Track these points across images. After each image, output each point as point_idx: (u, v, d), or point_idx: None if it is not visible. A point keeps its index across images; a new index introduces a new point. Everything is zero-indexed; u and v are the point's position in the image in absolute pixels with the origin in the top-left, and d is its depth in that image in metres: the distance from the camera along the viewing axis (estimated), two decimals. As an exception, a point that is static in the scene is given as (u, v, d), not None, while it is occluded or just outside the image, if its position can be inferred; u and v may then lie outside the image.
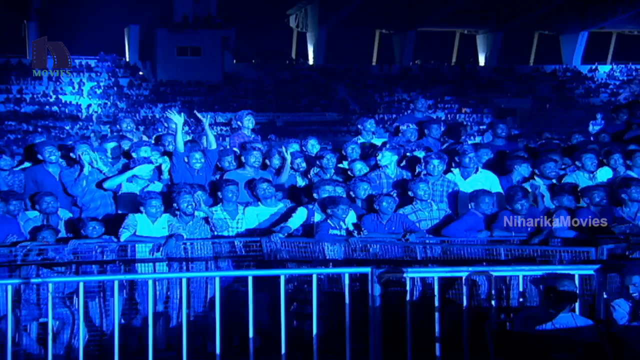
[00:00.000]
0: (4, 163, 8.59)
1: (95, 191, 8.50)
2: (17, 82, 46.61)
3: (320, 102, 47.54)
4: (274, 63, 50.67)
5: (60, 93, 46.41)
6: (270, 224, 8.50)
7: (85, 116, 45.15)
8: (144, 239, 7.85)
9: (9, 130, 42.97)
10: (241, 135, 10.53)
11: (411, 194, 8.34)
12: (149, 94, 47.40)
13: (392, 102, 47.89)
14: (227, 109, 45.72)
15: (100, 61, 48.86)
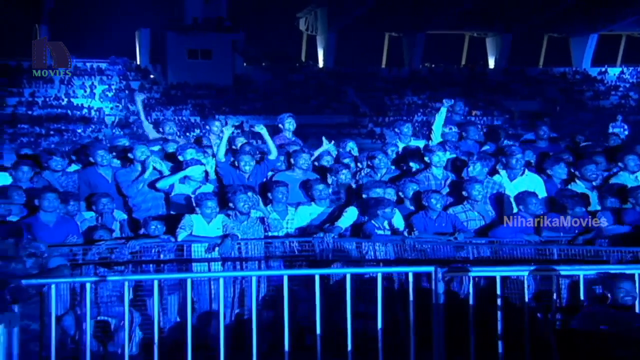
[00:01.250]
0: (55, 164, 8.77)
1: (147, 192, 8.67)
2: (29, 85, 46.79)
3: (329, 104, 47.70)
4: (283, 66, 50.85)
5: (72, 96, 46.61)
6: (320, 223, 8.66)
7: (96, 119, 45.35)
8: (200, 239, 8.01)
9: (21, 133, 43.17)
10: (282, 137, 10.70)
11: (465, 194, 8.48)
12: (159, 97, 47.60)
13: (401, 105, 48.06)
14: (237, 111, 45.96)
15: (112, 64, 49.12)
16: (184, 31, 47.90)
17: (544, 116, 40.16)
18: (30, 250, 6.20)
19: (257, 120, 45.41)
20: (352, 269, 7.29)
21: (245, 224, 8.20)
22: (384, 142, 13.93)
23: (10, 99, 45.75)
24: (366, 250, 8.11)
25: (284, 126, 10.72)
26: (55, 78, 47.61)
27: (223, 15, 48.97)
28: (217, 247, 8.04)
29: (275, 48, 51.39)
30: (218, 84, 48.17)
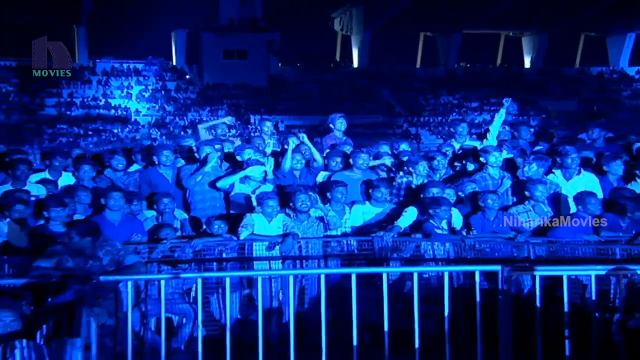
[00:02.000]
0: (117, 163, 8.94)
1: (206, 192, 8.82)
2: (67, 86, 47.36)
3: (364, 104, 47.72)
4: (318, 66, 50.95)
5: (109, 97, 47.09)
6: (376, 222, 8.75)
7: (133, 119, 45.81)
8: (262, 238, 8.13)
9: (60, 133, 43.73)
10: (332, 137, 10.82)
11: (527, 194, 8.51)
12: (195, 97, 47.94)
13: (437, 105, 47.98)
14: (273, 111, 46.13)
15: (148, 65, 49.54)
16: (220, 32, 48.18)
17: (595, 117, 39.88)
18: (106, 247, 6.35)
19: (292, 120, 45.71)
20: (418, 268, 7.35)
21: (305, 223, 8.31)
22: (420, 142, 13.95)
23: (49, 99, 46.29)
24: (425, 250, 8.18)
25: (334, 126, 10.84)
26: (93, 79, 48.21)
27: (258, 16, 49.19)
28: (278, 246, 8.16)
29: (310, 48, 51.45)
30: (253, 84, 48.38)
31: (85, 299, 5.15)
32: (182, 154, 9.63)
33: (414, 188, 9.06)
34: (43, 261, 6.17)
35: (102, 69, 49.01)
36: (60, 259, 6.20)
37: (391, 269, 7.72)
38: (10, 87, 46.76)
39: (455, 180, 9.13)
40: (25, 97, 46.04)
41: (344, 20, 52.57)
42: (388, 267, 7.53)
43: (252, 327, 8.23)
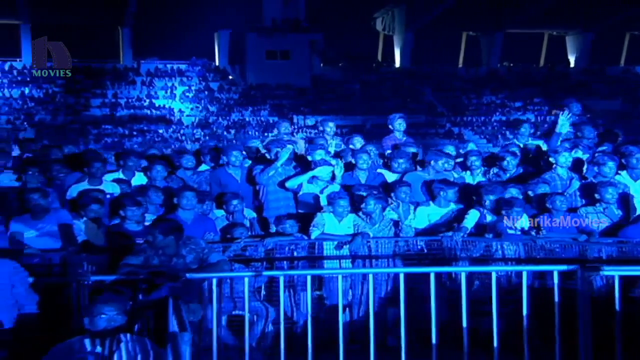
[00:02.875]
0: (186, 162, 9.13)
1: (279, 191, 8.96)
2: (112, 87, 47.97)
3: (406, 104, 47.64)
4: (360, 66, 50.99)
5: (154, 97, 47.60)
6: (442, 223, 8.81)
7: (177, 120, 46.23)
8: (333, 237, 8.24)
9: (105, 134, 44.27)
10: (393, 138, 10.92)
11: (597, 197, 8.51)
12: (238, 98, 48.24)
13: (480, 105, 47.76)
14: (316, 111, 46.29)
15: (191, 65, 49.97)
16: (263, 32, 48.45)
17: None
18: (190, 245, 6.50)
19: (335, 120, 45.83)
20: (497, 267, 7.41)
21: (377, 227, 8.39)
22: (463, 142, 13.97)
23: (94, 100, 46.91)
24: (495, 249, 8.23)
25: (394, 127, 10.93)
26: (137, 79, 48.79)
27: (301, 17, 49.38)
28: (347, 245, 8.27)
29: (352, 48, 51.54)
30: (296, 84, 48.57)
31: (181, 296, 5.30)
32: (249, 154, 9.77)
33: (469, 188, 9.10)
34: (131, 258, 6.35)
35: (146, 69, 49.56)
36: (147, 257, 6.37)
37: (469, 268, 7.77)
38: (56, 88, 47.46)
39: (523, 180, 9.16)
40: (71, 98, 46.67)
41: (386, 20, 52.56)
42: (466, 267, 7.58)
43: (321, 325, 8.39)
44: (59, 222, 7.88)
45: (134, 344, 4.83)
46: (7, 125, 44.18)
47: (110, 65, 49.86)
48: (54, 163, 8.96)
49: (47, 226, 7.81)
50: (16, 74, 48.01)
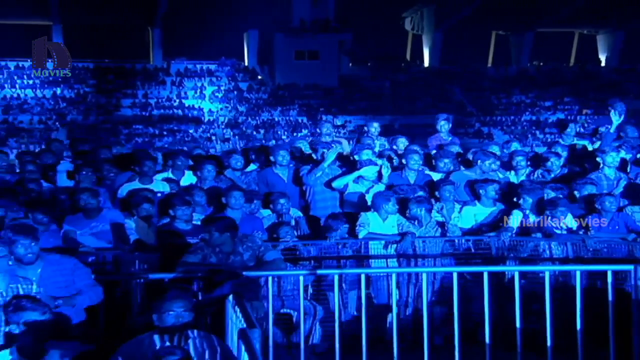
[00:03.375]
0: (235, 162, 9.24)
1: (326, 191, 9.05)
2: (142, 87, 48.33)
3: (436, 104, 47.57)
4: (389, 66, 50.96)
5: (183, 97, 47.90)
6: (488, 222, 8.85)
7: (207, 120, 46.49)
8: (380, 237, 8.31)
9: (136, 133, 44.63)
10: (437, 138, 10.97)
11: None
12: (267, 98, 48.43)
13: (509, 104, 47.57)
14: (344, 111, 46.39)
15: (221, 66, 50.22)
16: (292, 33, 48.58)
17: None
18: (247, 243, 6.59)
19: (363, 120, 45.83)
20: (550, 267, 7.43)
21: (423, 229, 8.44)
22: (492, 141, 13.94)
23: (124, 100, 47.28)
24: (543, 249, 8.25)
25: (439, 128, 10.98)
26: (167, 79, 49.14)
27: (330, 17, 49.43)
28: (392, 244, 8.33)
29: (380, 48, 51.55)
30: (324, 84, 48.64)
31: (243, 293, 5.39)
32: (295, 154, 9.86)
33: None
34: (189, 257, 6.46)
35: (176, 69, 49.87)
36: (205, 255, 6.48)
37: (523, 268, 7.80)
38: (87, 88, 47.93)
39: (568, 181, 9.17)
40: (102, 98, 47.09)
41: (415, 19, 52.50)
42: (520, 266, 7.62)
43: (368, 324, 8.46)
44: (111, 222, 8.02)
45: (202, 340, 4.92)
46: (40, 125, 44.72)
47: (141, 65, 50.22)
48: (104, 163, 9.10)
49: (100, 225, 7.95)
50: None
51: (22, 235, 5.38)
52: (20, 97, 46.25)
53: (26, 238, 5.38)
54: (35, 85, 47.46)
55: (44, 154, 9.89)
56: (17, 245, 5.33)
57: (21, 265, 5.38)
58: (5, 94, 46.29)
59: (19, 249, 5.32)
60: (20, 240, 5.34)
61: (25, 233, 5.42)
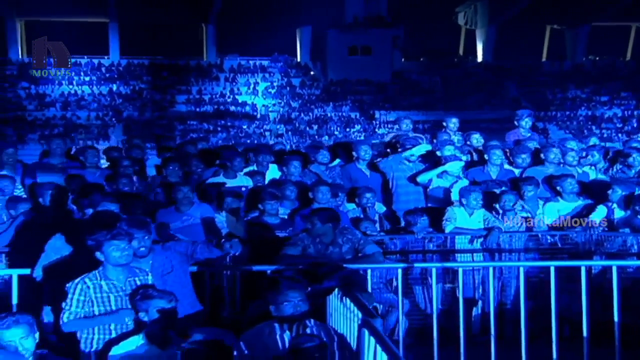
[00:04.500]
0: (322, 157, 9.41)
1: (410, 185, 9.17)
2: (196, 83, 48.82)
3: (489, 99, 47.26)
4: (441, 61, 50.75)
5: (236, 93, 48.28)
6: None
7: (260, 115, 46.80)
8: (466, 231, 8.39)
9: (191, 129, 45.08)
10: (516, 134, 11.01)
11: None
12: (320, 93, 48.58)
13: (565, 100, 47.03)
14: (397, 107, 46.31)
15: (274, 62, 50.51)
16: (345, 29, 48.66)
17: None
18: (347, 235, 6.74)
19: (416, 115, 45.76)
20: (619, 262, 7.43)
21: (508, 223, 8.50)
22: (547, 137, 13.89)
23: (179, 96, 47.81)
24: (630, 245, 8.26)
25: (520, 124, 11.03)
26: (220, 76, 49.58)
27: (383, 12, 49.40)
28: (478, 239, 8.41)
29: (433, 43, 51.35)
30: (377, 80, 48.64)
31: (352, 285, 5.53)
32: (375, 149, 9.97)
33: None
34: (289, 249, 6.63)
35: (229, 66, 50.27)
36: (304, 247, 6.64)
37: (590, 262, 7.83)
38: (142, 84, 48.58)
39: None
40: (157, 94, 47.66)
41: (468, 14, 52.17)
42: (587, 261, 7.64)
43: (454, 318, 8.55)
44: (202, 215, 8.22)
45: (319, 329, 5.08)
46: (97, 122, 45.47)
47: (195, 62, 50.75)
48: (192, 158, 9.32)
49: (191, 219, 8.16)
50: (104, 71, 49.30)
51: (137, 229, 5.57)
52: (77, 93, 47.00)
53: (140, 231, 5.58)
54: (92, 82, 48.27)
55: (133, 149, 10.15)
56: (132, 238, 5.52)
57: (135, 258, 5.59)
58: (63, 90, 47.05)
59: (133, 242, 5.51)
60: (135, 233, 5.54)
61: (140, 226, 5.62)
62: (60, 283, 6.03)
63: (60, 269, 6.28)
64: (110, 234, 5.27)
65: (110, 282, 5.31)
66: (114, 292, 5.30)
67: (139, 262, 5.72)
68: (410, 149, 9.32)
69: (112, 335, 5.23)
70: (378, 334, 4.23)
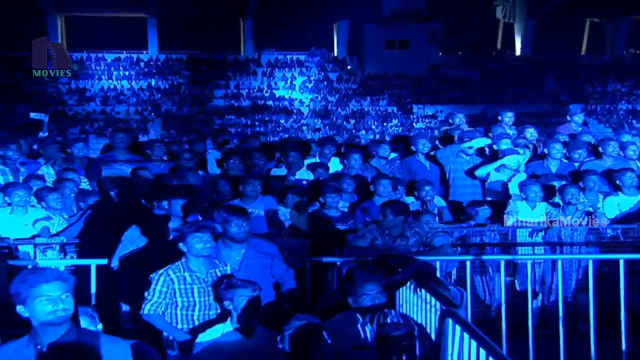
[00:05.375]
0: (383, 151, 9.51)
1: (467, 179, 9.25)
2: (234, 78, 49.06)
3: (528, 93, 46.91)
4: (480, 55, 50.47)
5: (274, 88, 48.44)
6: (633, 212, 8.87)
7: (297, 110, 46.93)
8: (527, 224, 8.44)
9: (229, 124, 45.30)
10: (568, 128, 11.01)
11: None
12: (357, 88, 48.58)
13: (605, 93, 46.55)
14: (435, 101, 46.19)
15: (311, 56, 50.60)
16: (383, 23, 48.61)
17: None
18: (415, 228, 6.83)
19: (454, 109, 45.60)
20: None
21: (569, 217, 8.53)
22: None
23: (217, 91, 48.06)
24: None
25: (573, 119, 11.05)
26: (258, 70, 49.80)
27: (421, 6, 49.26)
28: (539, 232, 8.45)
29: (471, 37, 51.08)
30: (414, 74, 48.53)
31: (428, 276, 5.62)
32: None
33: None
34: (359, 241, 6.74)
35: (267, 60, 50.44)
36: (373, 239, 6.75)
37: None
38: (181, 79, 48.92)
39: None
40: (196, 89, 47.96)
41: (506, 8, 51.82)
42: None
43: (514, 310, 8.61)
44: (266, 208, 8.37)
45: (399, 319, 5.18)
46: (136, 116, 45.92)
47: (232, 56, 51.01)
48: (254, 151, 9.46)
49: (256, 211, 8.30)
50: (143, 65, 49.76)
51: (236, 215, 5.77)
52: (116, 88, 47.48)
53: (239, 217, 5.77)
54: (131, 77, 48.71)
55: (196, 143, 10.32)
56: (231, 225, 5.73)
57: (228, 244, 5.75)
58: (103, 85, 47.56)
59: (232, 227, 5.71)
60: (234, 219, 5.74)
61: (239, 213, 5.81)
62: (136, 273, 6.22)
63: (136, 260, 6.46)
64: (194, 227, 5.43)
65: (193, 273, 5.47)
66: (197, 284, 5.46)
67: (231, 249, 5.88)
68: (468, 141, 9.36)
69: (196, 324, 5.38)
70: (465, 323, 4.31)
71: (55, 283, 3.55)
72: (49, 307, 3.50)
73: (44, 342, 3.53)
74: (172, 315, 5.45)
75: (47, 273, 3.59)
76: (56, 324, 3.52)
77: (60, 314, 3.53)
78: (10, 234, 7.78)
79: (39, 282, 3.53)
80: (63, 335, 3.54)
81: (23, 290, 3.55)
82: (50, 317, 3.51)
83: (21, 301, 3.56)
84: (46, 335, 3.53)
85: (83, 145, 9.57)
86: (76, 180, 8.67)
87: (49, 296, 3.52)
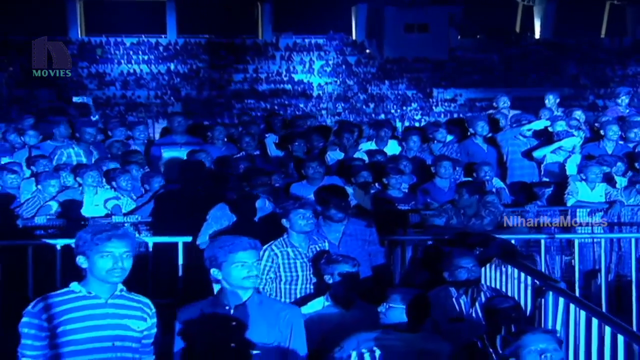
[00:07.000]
0: (441, 136, 9.67)
1: (524, 160, 9.41)
2: (252, 62, 49.12)
3: (549, 77, 46.83)
4: (499, 38, 50.35)
5: (292, 72, 48.49)
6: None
7: (316, 94, 47.01)
8: (587, 204, 8.60)
9: (249, 108, 45.43)
10: (615, 111, 11.13)
11: None
12: (376, 72, 48.59)
13: (625, 76, 46.42)
14: (454, 84, 46.19)
15: (329, 40, 50.58)
16: (402, 6, 48.49)
17: None
18: (490, 208, 7.01)
19: (474, 93, 45.60)
20: None
21: (632, 200, 8.68)
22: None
23: (236, 75, 48.14)
24: None
25: (617, 102, 11.17)
26: (276, 54, 49.84)
27: (441, -11, 49.16)
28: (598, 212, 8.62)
29: (490, 20, 50.91)
30: (434, 57, 48.47)
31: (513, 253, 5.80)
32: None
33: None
34: (435, 220, 6.93)
35: (285, 44, 50.44)
36: (449, 218, 6.93)
37: None
38: (200, 63, 49.01)
39: None
40: (215, 73, 48.04)
41: (526, -10, 51.67)
42: None
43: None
44: (333, 188, 8.54)
45: (492, 293, 5.36)
46: (156, 100, 46.10)
47: (251, 40, 51.03)
48: (312, 133, 9.64)
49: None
50: (162, 50, 49.87)
51: (336, 196, 5.98)
52: (136, 72, 47.63)
53: (339, 199, 5.97)
54: (150, 61, 48.82)
55: (251, 126, 10.48)
56: (331, 206, 5.91)
57: (328, 223, 5.96)
58: (122, 69, 47.71)
59: (332, 209, 5.90)
60: (334, 200, 5.93)
61: (339, 194, 6.00)
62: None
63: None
64: (298, 203, 5.64)
65: (295, 249, 5.69)
66: (299, 259, 5.68)
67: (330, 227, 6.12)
68: (526, 124, 9.51)
69: (297, 298, 5.59)
70: (571, 295, 4.48)
71: (252, 251, 3.93)
72: (243, 272, 3.87)
73: (231, 303, 3.89)
74: (276, 290, 5.66)
75: (244, 241, 3.95)
76: (248, 288, 3.89)
77: (254, 280, 3.92)
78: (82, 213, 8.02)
79: (238, 249, 3.89)
80: (248, 299, 3.90)
81: (220, 255, 3.92)
82: (244, 282, 3.88)
83: (217, 265, 3.93)
84: (234, 297, 3.91)
85: (144, 128, 9.75)
86: (141, 162, 8.88)
87: (244, 262, 3.89)
